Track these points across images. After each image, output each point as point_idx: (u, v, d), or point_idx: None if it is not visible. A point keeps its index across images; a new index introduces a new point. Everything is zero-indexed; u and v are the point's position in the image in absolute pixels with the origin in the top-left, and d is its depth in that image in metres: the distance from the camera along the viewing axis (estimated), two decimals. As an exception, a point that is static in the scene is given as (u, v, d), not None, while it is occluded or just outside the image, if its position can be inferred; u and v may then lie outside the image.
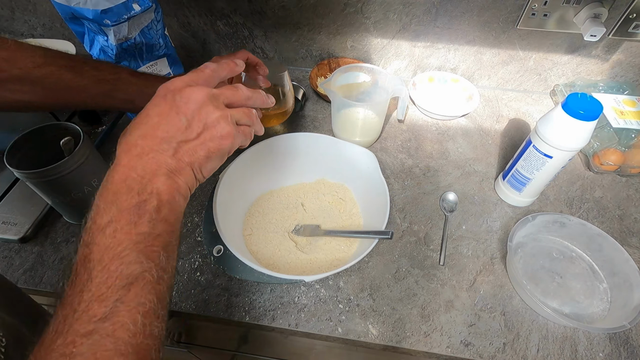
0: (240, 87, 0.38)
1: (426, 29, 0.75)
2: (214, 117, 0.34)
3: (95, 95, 0.47)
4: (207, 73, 0.37)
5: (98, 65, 0.46)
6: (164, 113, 0.33)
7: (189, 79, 0.35)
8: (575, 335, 0.48)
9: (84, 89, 0.45)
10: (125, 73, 0.48)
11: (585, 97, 0.48)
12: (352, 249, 0.55)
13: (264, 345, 0.75)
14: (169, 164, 0.32)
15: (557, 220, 0.55)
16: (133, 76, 0.49)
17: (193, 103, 0.33)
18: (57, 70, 0.42)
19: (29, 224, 0.56)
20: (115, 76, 0.47)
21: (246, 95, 0.38)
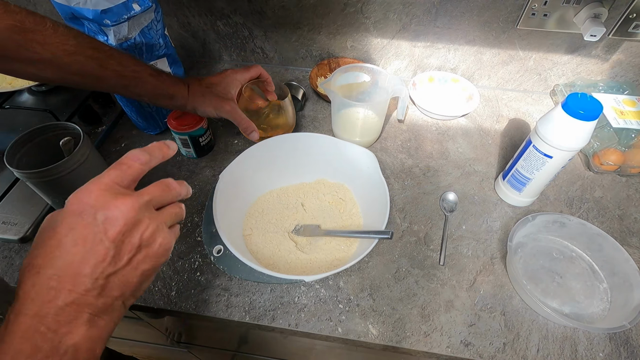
0: (169, 183, 0.32)
1: (426, 29, 0.75)
2: (148, 233, 0.28)
3: (113, 85, 0.49)
4: (135, 169, 0.30)
5: (122, 60, 0.47)
6: (83, 240, 0.26)
7: (111, 181, 0.28)
8: (575, 335, 0.48)
9: (103, 79, 0.47)
10: (145, 73, 0.50)
11: (585, 97, 0.48)
12: (352, 249, 0.55)
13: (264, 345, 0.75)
14: (93, 306, 0.26)
15: (557, 220, 0.55)
16: (151, 76, 0.50)
17: (121, 222, 0.27)
18: (84, 60, 0.43)
19: (29, 224, 0.56)
20: (135, 74, 0.49)
21: (177, 191, 0.33)
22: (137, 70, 0.49)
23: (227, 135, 0.72)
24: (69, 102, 0.74)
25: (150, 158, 0.31)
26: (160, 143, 0.33)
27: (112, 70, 0.46)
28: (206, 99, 0.57)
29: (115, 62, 0.47)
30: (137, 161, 0.30)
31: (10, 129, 0.70)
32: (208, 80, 0.58)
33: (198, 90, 0.56)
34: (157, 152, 0.32)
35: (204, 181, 0.64)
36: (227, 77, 0.59)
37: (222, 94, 0.58)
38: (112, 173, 0.29)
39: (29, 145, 0.52)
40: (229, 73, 0.60)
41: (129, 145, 0.70)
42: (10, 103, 0.73)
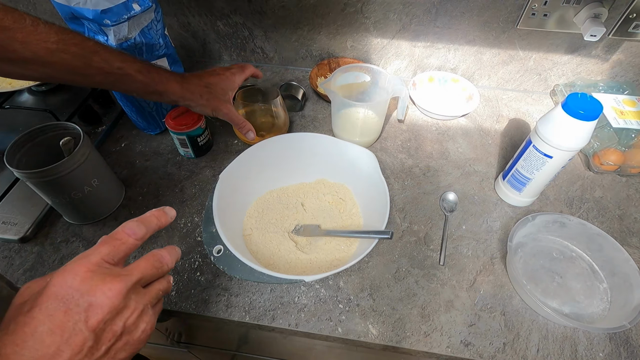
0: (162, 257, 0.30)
1: (426, 29, 0.75)
2: (132, 320, 0.27)
3: (100, 82, 0.48)
4: (129, 245, 0.28)
5: (108, 57, 0.46)
6: (60, 329, 0.24)
7: (100, 259, 0.27)
8: (575, 335, 0.48)
9: (89, 77, 0.46)
10: (132, 70, 0.48)
11: (585, 97, 0.48)
12: (352, 249, 0.55)
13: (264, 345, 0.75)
14: None
15: (557, 220, 0.55)
16: (139, 73, 0.49)
17: (105, 310, 0.25)
18: (68, 57, 0.42)
19: (29, 224, 0.56)
20: (121, 71, 0.47)
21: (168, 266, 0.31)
22: (123, 67, 0.47)
23: (227, 135, 0.72)
24: (69, 102, 0.74)
25: (146, 232, 0.30)
26: (159, 211, 0.32)
27: (97, 67, 0.45)
28: (203, 98, 0.56)
29: (100, 59, 0.45)
30: (132, 236, 0.29)
31: (10, 129, 0.70)
32: (207, 79, 0.57)
33: (196, 89, 0.55)
34: (154, 223, 0.31)
35: (204, 181, 0.64)
36: (226, 79, 0.59)
37: (220, 94, 0.58)
38: (102, 250, 0.27)
39: (29, 145, 0.53)
40: (228, 75, 0.60)
41: (129, 145, 0.70)
42: (10, 103, 0.73)
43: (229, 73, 0.60)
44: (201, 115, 0.64)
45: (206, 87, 0.57)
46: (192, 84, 0.55)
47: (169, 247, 0.33)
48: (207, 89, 0.57)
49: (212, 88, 0.57)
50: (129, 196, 0.62)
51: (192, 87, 0.55)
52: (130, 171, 0.66)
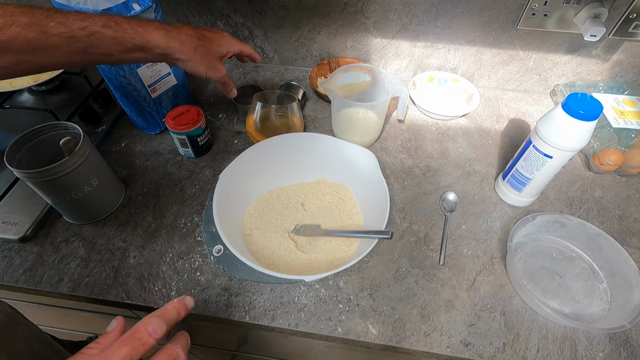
0: (177, 354, 0.29)
1: (426, 29, 0.75)
2: None
3: (70, 53, 0.40)
4: (149, 346, 0.28)
5: (64, 19, 0.39)
6: None
7: None
8: (575, 335, 0.48)
9: (54, 49, 0.39)
10: (98, 25, 0.40)
11: (585, 97, 0.48)
12: (352, 249, 0.55)
13: (264, 345, 0.75)
14: None
15: (557, 220, 0.55)
16: (108, 28, 0.41)
17: None
18: (21, 30, 0.36)
19: (29, 223, 0.56)
20: (85, 32, 0.40)
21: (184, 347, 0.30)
22: (86, 27, 0.40)
23: (227, 135, 0.72)
24: (69, 101, 0.74)
25: (166, 329, 0.29)
26: (179, 303, 0.31)
27: (57, 34, 0.38)
28: (198, 53, 0.48)
29: (57, 23, 0.38)
30: (153, 336, 0.28)
31: (10, 129, 0.70)
32: (201, 31, 0.50)
33: (188, 39, 0.47)
34: (174, 318, 0.31)
35: (204, 181, 0.64)
36: (224, 39, 0.53)
37: (216, 52, 0.51)
38: (122, 352, 0.26)
39: (29, 145, 0.53)
40: (225, 35, 0.54)
41: (129, 145, 0.70)
42: (10, 103, 0.73)
43: (227, 34, 0.54)
44: (201, 115, 0.64)
45: (200, 40, 0.48)
46: (182, 33, 0.46)
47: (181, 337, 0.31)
48: (202, 41, 0.49)
49: (207, 42, 0.50)
50: (129, 196, 0.62)
51: (182, 36, 0.46)
52: (130, 171, 0.66)
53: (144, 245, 0.56)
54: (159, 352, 0.29)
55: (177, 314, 0.31)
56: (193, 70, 0.49)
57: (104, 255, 0.55)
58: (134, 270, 0.53)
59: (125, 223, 0.58)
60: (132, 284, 0.52)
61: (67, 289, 0.51)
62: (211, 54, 0.50)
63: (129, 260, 0.54)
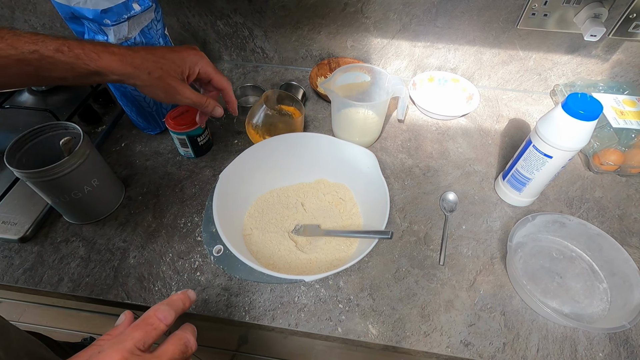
0: (188, 340, 0.31)
1: (426, 29, 0.75)
2: None
3: (20, 76, 0.40)
4: (160, 330, 0.30)
5: (15, 42, 0.38)
6: None
7: (133, 346, 0.28)
8: (575, 335, 0.48)
9: (5, 70, 0.38)
10: (49, 50, 0.39)
11: (585, 97, 0.48)
12: (352, 249, 0.55)
13: (264, 345, 0.75)
14: None
15: (557, 220, 0.55)
16: (60, 53, 0.40)
17: None
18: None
19: (29, 223, 0.56)
20: (35, 55, 0.38)
21: (192, 347, 0.32)
22: (37, 50, 0.38)
23: (227, 135, 0.72)
24: (69, 101, 0.74)
25: (175, 316, 0.31)
26: (184, 294, 0.33)
27: (6, 56, 0.37)
28: (153, 76, 0.45)
29: (6, 45, 0.37)
30: (163, 321, 0.30)
31: (10, 129, 0.70)
32: (160, 53, 0.46)
33: (143, 63, 0.44)
34: (180, 307, 0.32)
35: (204, 181, 0.64)
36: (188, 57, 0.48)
37: (175, 72, 0.47)
38: (135, 335, 0.28)
39: (29, 145, 0.53)
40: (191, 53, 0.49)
41: (129, 145, 0.70)
42: (10, 103, 0.73)
43: (193, 52, 0.49)
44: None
45: (156, 63, 0.45)
46: (137, 58, 0.44)
47: (188, 326, 0.33)
48: (157, 64, 0.45)
49: (163, 63, 0.46)
50: (129, 196, 0.62)
51: (136, 61, 0.44)
52: (130, 171, 0.66)
53: (144, 245, 0.56)
54: (170, 337, 0.31)
55: (183, 304, 0.33)
56: (150, 95, 0.47)
57: (104, 255, 0.55)
58: (134, 270, 0.53)
59: (125, 223, 0.58)
60: (132, 284, 0.52)
61: (67, 289, 0.51)
62: (169, 75, 0.46)
63: (129, 260, 0.54)
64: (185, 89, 0.48)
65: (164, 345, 0.30)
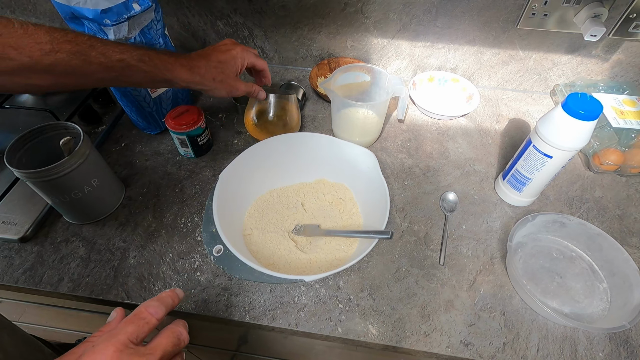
0: (180, 334, 0.32)
1: (426, 29, 0.75)
2: None
3: (102, 79, 0.45)
4: (152, 325, 0.31)
5: (105, 50, 0.43)
6: None
7: (127, 339, 0.28)
8: (575, 335, 0.48)
9: (92, 75, 0.43)
10: (133, 59, 0.45)
11: (585, 97, 0.48)
12: (352, 249, 0.55)
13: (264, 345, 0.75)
14: None
15: (557, 220, 0.55)
16: (141, 62, 0.46)
17: None
18: (65, 57, 0.40)
19: (29, 223, 0.56)
20: (122, 64, 0.44)
21: (185, 342, 0.32)
22: (124, 59, 0.44)
23: (227, 135, 0.72)
24: (69, 101, 0.74)
25: (165, 312, 0.32)
26: (172, 292, 0.35)
27: (97, 63, 0.42)
28: (216, 81, 0.53)
29: (98, 53, 0.42)
30: (154, 316, 0.31)
31: (10, 129, 0.70)
32: (216, 58, 0.54)
33: (207, 72, 0.52)
34: (170, 303, 0.34)
35: (204, 181, 0.64)
36: (236, 55, 0.55)
37: (232, 73, 0.55)
38: (129, 329, 0.29)
39: (29, 145, 0.53)
40: (238, 51, 0.56)
41: (129, 145, 0.70)
42: (10, 103, 0.73)
43: (239, 49, 0.56)
44: (201, 114, 0.64)
45: (217, 68, 0.53)
46: (201, 67, 0.52)
47: (180, 321, 0.34)
48: (218, 69, 0.53)
49: (223, 68, 0.54)
50: (129, 196, 0.62)
51: (202, 70, 0.52)
52: (130, 171, 0.66)
53: (144, 245, 0.56)
54: (162, 331, 0.31)
55: (172, 300, 0.34)
56: (216, 95, 0.55)
57: (104, 255, 0.55)
58: (134, 270, 0.53)
59: (125, 223, 0.58)
60: (132, 284, 0.52)
61: (67, 289, 0.51)
62: (228, 77, 0.54)
63: (129, 260, 0.54)
64: (240, 84, 0.56)
65: (156, 338, 0.30)
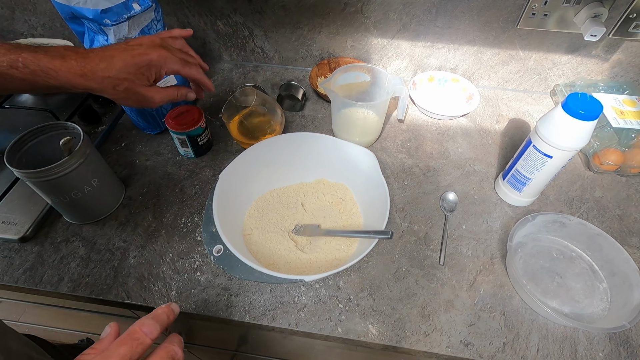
0: (175, 354, 0.31)
1: (426, 29, 0.75)
2: None
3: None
4: (146, 345, 0.29)
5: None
6: None
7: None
8: (575, 335, 0.48)
9: None
10: (2, 66, 0.37)
11: (585, 96, 0.48)
12: (352, 249, 0.55)
13: (264, 345, 0.75)
14: None
15: (557, 220, 0.55)
16: (14, 69, 0.37)
17: None
18: None
19: (29, 223, 0.56)
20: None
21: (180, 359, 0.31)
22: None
23: (227, 135, 0.72)
24: (69, 101, 0.74)
25: (160, 330, 0.31)
26: (167, 308, 0.33)
27: None
28: (120, 90, 0.44)
29: None
30: (149, 336, 0.29)
31: (10, 129, 0.70)
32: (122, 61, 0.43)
33: (106, 79, 0.42)
34: (165, 321, 0.32)
35: (204, 181, 0.64)
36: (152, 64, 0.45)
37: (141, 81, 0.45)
38: (121, 351, 0.28)
39: (29, 144, 0.53)
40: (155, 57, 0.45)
41: (129, 145, 0.70)
42: (10, 103, 0.73)
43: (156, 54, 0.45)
44: (201, 114, 0.64)
45: (118, 75, 0.43)
46: (98, 71, 0.41)
47: (174, 337, 0.32)
48: (122, 76, 0.43)
49: (129, 75, 0.44)
50: (129, 196, 0.62)
51: (98, 75, 0.41)
52: (130, 171, 0.66)
53: (144, 245, 0.56)
54: (157, 350, 0.30)
55: (167, 317, 0.32)
56: (122, 104, 0.46)
57: (104, 255, 0.55)
58: (134, 270, 0.53)
59: (125, 223, 0.58)
60: (132, 284, 0.52)
61: (67, 289, 0.51)
62: (135, 85, 0.45)
63: (129, 260, 0.54)
64: (154, 93, 0.47)
65: (150, 358, 0.29)
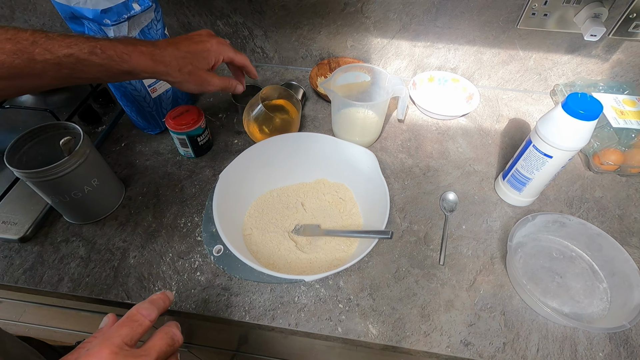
0: (174, 334, 0.31)
1: (426, 29, 0.75)
2: None
3: (57, 78, 0.40)
4: (145, 327, 0.30)
5: (50, 46, 0.38)
6: None
7: (121, 341, 0.28)
8: (575, 335, 0.48)
9: (40, 75, 0.38)
10: (84, 53, 0.39)
11: (585, 96, 0.48)
12: (352, 249, 0.55)
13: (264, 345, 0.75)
14: None
15: (557, 220, 0.55)
16: (94, 55, 0.40)
17: None
18: (7, 58, 0.36)
19: (29, 223, 0.56)
20: (70, 59, 0.39)
21: (180, 343, 0.32)
22: (71, 54, 0.39)
23: (227, 135, 0.72)
24: (69, 101, 0.74)
25: (157, 313, 0.32)
26: (163, 294, 0.34)
27: (42, 61, 0.37)
28: (183, 72, 0.47)
29: (42, 50, 0.37)
30: (147, 318, 0.30)
31: (10, 129, 0.70)
32: (186, 47, 0.48)
33: (173, 61, 0.46)
34: (161, 305, 0.33)
35: (204, 181, 0.64)
36: (211, 48, 0.50)
37: (202, 65, 0.49)
38: (122, 331, 0.29)
39: (29, 144, 0.53)
40: (213, 43, 0.50)
41: (129, 145, 0.70)
42: (10, 103, 0.73)
43: (215, 42, 0.50)
44: (201, 114, 0.64)
45: (185, 59, 0.47)
46: (166, 55, 0.46)
47: (172, 322, 0.33)
48: (187, 60, 0.47)
49: (193, 59, 0.48)
50: (129, 196, 0.62)
51: (166, 58, 0.46)
52: (130, 171, 0.66)
53: (144, 245, 0.56)
54: (156, 332, 0.31)
55: (164, 302, 0.33)
56: (183, 89, 0.50)
57: (104, 255, 0.55)
58: (134, 270, 0.53)
59: (125, 223, 0.58)
60: (132, 283, 0.52)
61: (67, 289, 0.51)
62: (198, 69, 0.49)
63: (129, 260, 0.54)
64: (213, 78, 0.51)
65: (151, 340, 0.30)
